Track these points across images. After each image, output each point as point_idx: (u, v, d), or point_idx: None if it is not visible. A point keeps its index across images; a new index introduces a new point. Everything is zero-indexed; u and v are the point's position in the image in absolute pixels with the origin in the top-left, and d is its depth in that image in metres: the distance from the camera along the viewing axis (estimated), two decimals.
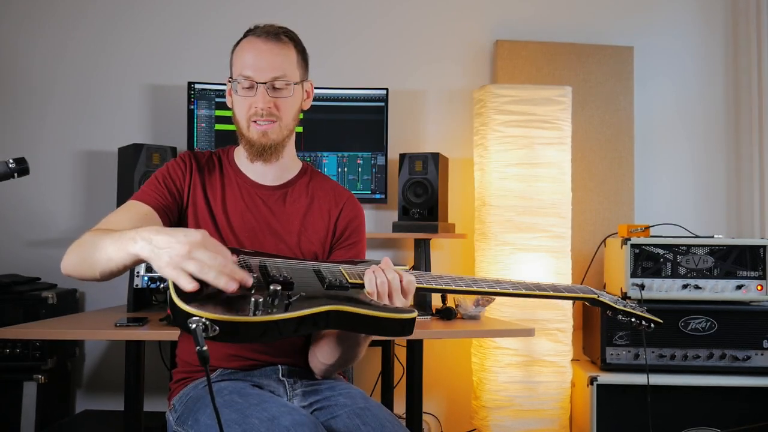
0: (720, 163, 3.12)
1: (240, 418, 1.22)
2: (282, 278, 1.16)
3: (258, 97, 1.46)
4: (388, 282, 1.24)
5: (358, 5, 3.00)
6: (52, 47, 2.90)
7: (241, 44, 1.52)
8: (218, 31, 2.90)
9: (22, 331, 2.01)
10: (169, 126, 2.86)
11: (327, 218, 1.56)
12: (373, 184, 2.75)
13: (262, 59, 1.47)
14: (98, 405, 2.81)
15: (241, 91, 1.48)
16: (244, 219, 1.51)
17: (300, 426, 1.17)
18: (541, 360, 2.57)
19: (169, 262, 1.08)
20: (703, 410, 2.44)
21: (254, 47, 1.48)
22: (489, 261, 2.64)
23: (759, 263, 2.50)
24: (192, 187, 1.52)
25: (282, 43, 1.50)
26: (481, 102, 2.70)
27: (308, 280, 1.26)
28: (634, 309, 1.47)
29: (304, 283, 1.23)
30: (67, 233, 2.84)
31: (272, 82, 1.47)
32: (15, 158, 1.41)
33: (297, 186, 1.58)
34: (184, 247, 1.08)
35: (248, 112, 1.48)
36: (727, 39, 3.15)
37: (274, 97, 1.48)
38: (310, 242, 1.53)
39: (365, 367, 2.88)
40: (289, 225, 1.53)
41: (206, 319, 1.03)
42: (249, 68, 1.47)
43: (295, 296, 1.15)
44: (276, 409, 1.22)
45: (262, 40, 1.48)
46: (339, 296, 1.22)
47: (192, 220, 1.51)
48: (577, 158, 2.85)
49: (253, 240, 1.49)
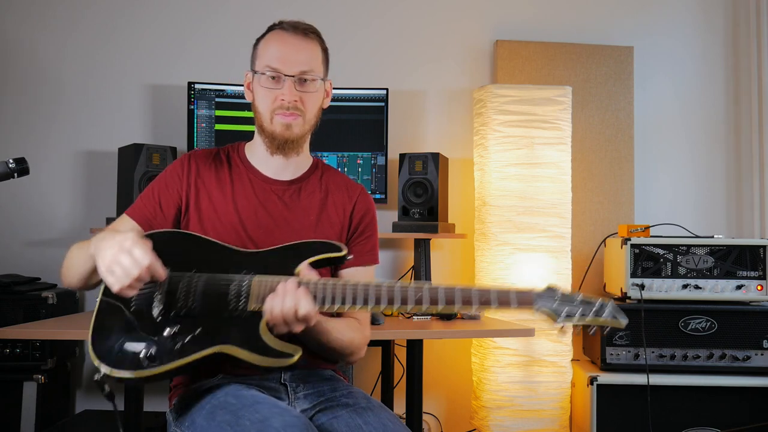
0: (720, 163, 3.12)
1: (232, 419, 1.23)
2: (184, 312, 1.29)
3: (285, 90, 1.46)
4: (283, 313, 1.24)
5: (358, 5, 3.01)
6: (53, 47, 2.90)
7: (267, 37, 1.51)
8: (218, 31, 2.91)
9: (22, 331, 2.01)
10: (169, 126, 2.86)
11: (342, 212, 1.57)
12: (373, 184, 2.75)
13: (291, 53, 1.47)
14: (98, 405, 2.81)
15: (266, 83, 1.47)
16: (257, 215, 1.50)
17: (291, 427, 1.17)
18: (541, 360, 2.57)
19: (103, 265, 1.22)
20: (703, 410, 2.44)
21: (283, 40, 1.48)
22: (489, 261, 2.64)
23: (759, 263, 2.50)
24: (195, 190, 1.50)
25: (309, 39, 1.50)
26: (481, 102, 2.70)
27: (214, 303, 1.31)
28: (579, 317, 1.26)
29: (207, 310, 1.30)
30: (67, 233, 2.84)
31: (300, 75, 1.47)
32: (15, 158, 1.41)
33: (310, 180, 1.58)
34: (113, 251, 1.21)
35: (273, 105, 1.47)
36: (727, 39, 3.15)
37: (301, 92, 1.47)
38: (326, 236, 1.52)
39: (365, 367, 2.88)
40: (305, 219, 1.53)
41: (104, 374, 1.23)
42: (276, 61, 1.46)
43: (189, 336, 1.27)
44: (267, 410, 1.22)
45: (291, 34, 1.48)
46: (231, 330, 1.28)
47: (196, 223, 1.49)
48: (577, 158, 2.85)
49: (268, 236, 1.48)
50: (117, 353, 1.25)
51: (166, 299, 1.31)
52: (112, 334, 1.28)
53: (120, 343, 1.26)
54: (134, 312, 1.30)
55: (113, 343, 1.27)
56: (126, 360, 1.25)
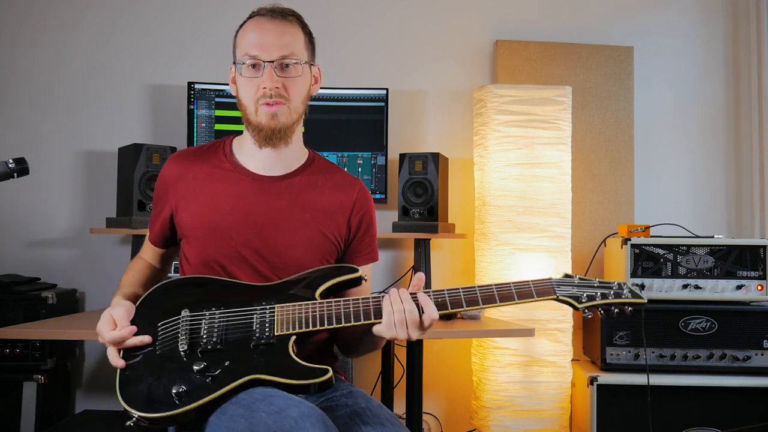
0: (720, 163, 3.13)
1: (246, 412, 1.21)
2: (210, 347, 1.30)
3: (265, 77, 1.41)
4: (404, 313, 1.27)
5: (358, 5, 3.01)
6: (53, 47, 2.90)
7: (245, 25, 1.47)
8: (218, 31, 2.90)
9: (22, 331, 2.01)
10: (169, 126, 2.86)
11: (340, 209, 1.52)
12: (373, 184, 2.75)
13: (268, 37, 1.42)
14: (98, 405, 2.81)
15: (247, 72, 1.42)
16: (247, 215, 1.46)
17: (307, 417, 1.16)
18: (541, 360, 2.57)
19: None
20: (703, 410, 2.44)
21: (260, 26, 1.43)
22: (489, 261, 2.64)
23: (759, 263, 2.50)
24: (182, 196, 1.49)
25: (288, 22, 1.45)
26: (481, 102, 2.70)
27: (239, 336, 1.32)
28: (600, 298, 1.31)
29: (233, 342, 1.31)
30: (67, 233, 2.84)
31: (280, 60, 1.42)
32: (15, 158, 1.41)
33: (305, 174, 1.53)
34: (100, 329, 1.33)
35: (255, 95, 1.42)
36: (727, 39, 3.15)
37: (282, 77, 1.42)
38: (324, 232, 1.49)
39: (365, 367, 2.88)
40: (301, 215, 1.48)
41: (135, 418, 1.22)
42: (255, 47, 1.41)
43: (219, 369, 1.27)
44: (283, 402, 1.21)
45: (268, 18, 1.44)
46: (260, 359, 1.29)
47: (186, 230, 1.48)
48: (577, 158, 2.85)
49: (261, 235, 1.45)
50: (146, 396, 1.25)
51: (190, 338, 1.32)
52: (140, 378, 1.28)
53: (148, 386, 1.27)
54: (160, 355, 1.31)
55: (142, 387, 1.27)
56: (155, 401, 1.24)
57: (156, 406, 1.23)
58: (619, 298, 1.31)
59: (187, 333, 1.32)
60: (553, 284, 1.32)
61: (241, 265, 1.45)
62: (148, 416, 1.22)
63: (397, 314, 1.27)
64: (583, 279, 1.33)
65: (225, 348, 1.30)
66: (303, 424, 1.14)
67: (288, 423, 1.14)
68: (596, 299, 1.31)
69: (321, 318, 1.32)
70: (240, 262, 1.45)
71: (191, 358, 1.29)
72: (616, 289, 1.32)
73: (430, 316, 1.28)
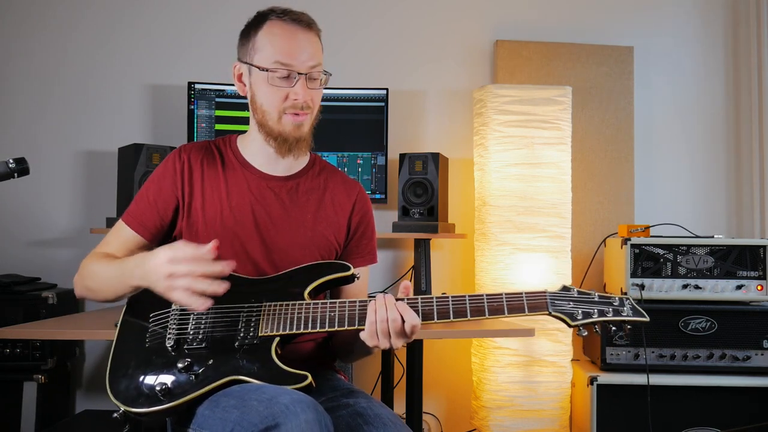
0: (720, 163, 3.12)
1: (239, 402, 1.22)
2: (195, 345, 1.32)
3: (298, 89, 1.40)
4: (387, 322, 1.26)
5: (358, 5, 3.01)
6: (52, 47, 2.90)
7: (267, 28, 1.43)
8: (218, 31, 2.91)
9: (22, 331, 2.00)
10: (169, 126, 2.86)
11: (340, 211, 1.54)
12: (373, 184, 2.75)
13: (302, 48, 1.40)
14: (98, 405, 2.81)
15: (275, 81, 1.40)
16: (254, 213, 1.47)
17: (298, 403, 1.17)
18: (541, 360, 2.57)
19: (167, 286, 1.23)
20: (703, 410, 2.44)
21: (291, 34, 1.41)
22: (489, 261, 2.64)
23: (759, 263, 2.50)
24: (189, 189, 1.47)
25: (314, 32, 1.45)
26: (481, 102, 2.70)
27: (224, 334, 1.34)
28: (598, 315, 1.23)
29: (218, 341, 1.34)
30: (67, 233, 2.84)
31: (310, 71, 1.41)
32: (15, 158, 1.41)
33: (308, 176, 1.55)
34: (164, 268, 1.23)
35: (282, 103, 1.41)
36: (727, 39, 3.15)
37: (311, 88, 1.43)
38: (324, 233, 1.51)
39: (365, 367, 2.88)
40: (303, 216, 1.50)
41: (122, 411, 1.28)
42: (287, 56, 1.39)
43: (202, 368, 1.30)
44: (274, 391, 1.22)
45: (298, 27, 1.42)
46: (242, 360, 1.31)
47: (190, 225, 1.48)
48: (577, 158, 2.85)
49: (264, 234, 1.47)
50: (132, 390, 1.29)
51: (178, 333, 1.34)
52: (128, 371, 1.32)
53: (135, 380, 1.30)
54: (148, 349, 1.34)
55: (129, 381, 1.30)
56: (139, 395, 1.28)
57: (140, 401, 1.28)
58: (618, 315, 1.25)
59: (175, 328, 1.35)
60: (547, 298, 1.27)
61: (244, 263, 1.46)
62: (131, 410, 1.27)
63: (380, 324, 1.27)
64: (582, 292, 1.27)
65: (210, 346, 1.33)
66: (294, 409, 1.15)
67: (278, 408, 1.15)
68: (593, 316, 1.25)
69: (306, 320, 1.33)
70: (243, 258, 1.46)
71: (177, 354, 1.32)
72: (617, 305, 1.27)
73: (410, 323, 1.26)
